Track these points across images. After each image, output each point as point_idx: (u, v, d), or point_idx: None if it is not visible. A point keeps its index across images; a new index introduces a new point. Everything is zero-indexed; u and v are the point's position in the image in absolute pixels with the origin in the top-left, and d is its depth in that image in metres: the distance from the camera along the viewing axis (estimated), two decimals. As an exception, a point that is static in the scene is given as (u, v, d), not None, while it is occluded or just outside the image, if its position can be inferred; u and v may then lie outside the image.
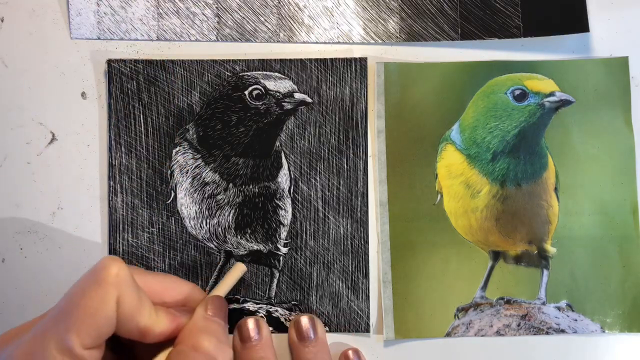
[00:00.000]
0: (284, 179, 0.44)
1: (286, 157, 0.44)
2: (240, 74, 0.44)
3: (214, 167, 0.44)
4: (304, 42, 0.45)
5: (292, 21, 0.45)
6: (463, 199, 0.44)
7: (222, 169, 0.44)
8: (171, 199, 0.44)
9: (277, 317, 0.43)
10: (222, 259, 0.44)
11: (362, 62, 0.45)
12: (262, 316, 0.43)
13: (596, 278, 0.44)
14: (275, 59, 0.44)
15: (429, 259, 0.44)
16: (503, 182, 0.44)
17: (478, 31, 0.45)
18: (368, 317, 0.44)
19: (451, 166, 0.45)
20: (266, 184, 0.44)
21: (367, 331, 0.44)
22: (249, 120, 0.44)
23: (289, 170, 0.44)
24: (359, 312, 0.44)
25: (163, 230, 0.44)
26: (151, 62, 0.44)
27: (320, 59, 0.44)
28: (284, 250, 0.44)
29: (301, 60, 0.44)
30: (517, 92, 0.44)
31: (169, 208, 0.44)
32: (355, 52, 0.45)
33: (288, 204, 0.44)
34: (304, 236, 0.44)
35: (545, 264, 0.44)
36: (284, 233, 0.44)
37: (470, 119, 0.45)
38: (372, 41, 0.45)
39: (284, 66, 0.44)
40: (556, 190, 0.45)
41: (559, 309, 0.44)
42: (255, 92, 0.44)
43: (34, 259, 0.44)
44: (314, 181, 0.44)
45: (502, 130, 0.44)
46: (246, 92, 0.44)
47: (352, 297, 0.44)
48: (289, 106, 0.44)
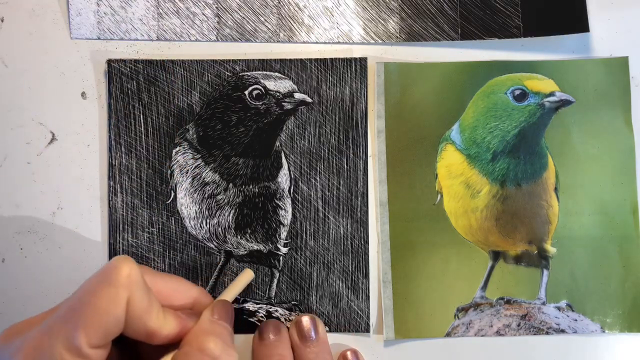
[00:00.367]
0: (284, 179, 0.44)
1: (286, 157, 0.44)
2: (240, 74, 0.44)
3: (214, 167, 0.44)
4: (304, 42, 0.45)
5: (292, 21, 0.45)
6: (463, 199, 0.44)
7: (222, 169, 0.44)
8: (171, 199, 0.44)
9: (277, 317, 0.43)
10: (222, 259, 0.44)
11: (362, 62, 0.45)
12: (262, 316, 0.43)
13: (596, 278, 0.44)
14: (275, 59, 0.44)
15: (429, 259, 0.44)
16: (503, 182, 0.44)
17: (478, 31, 0.45)
18: (368, 317, 0.44)
19: (451, 166, 0.45)
20: (266, 184, 0.44)
21: (367, 331, 0.44)
22: (249, 120, 0.44)
23: (289, 170, 0.44)
24: (359, 312, 0.44)
25: (163, 230, 0.44)
26: (151, 62, 0.44)
27: (320, 59, 0.44)
28: (284, 250, 0.44)
29: (301, 60, 0.44)
30: (517, 92, 0.44)
31: (169, 208, 0.44)
32: (355, 52, 0.45)
33: (288, 204, 0.44)
34: (304, 236, 0.44)
35: (545, 264, 0.44)
36: (284, 233, 0.44)
37: (470, 119, 0.45)
38: (372, 41, 0.45)
39: (284, 66, 0.44)
40: (556, 190, 0.45)
41: (559, 309, 0.44)
42: (255, 92, 0.44)
43: (34, 259, 0.44)
44: (314, 181, 0.44)
45: (502, 130, 0.44)
46: (246, 92, 0.44)
47: (352, 297, 0.44)
48: (289, 106, 0.44)
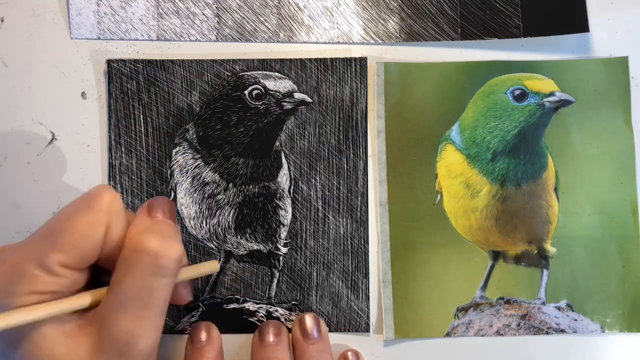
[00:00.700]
0: (284, 179, 0.44)
1: (286, 157, 0.44)
2: (240, 73, 0.44)
3: (214, 167, 0.44)
4: (304, 42, 0.45)
5: (292, 21, 0.45)
6: (463, 199, 0.44)
7: (222, 169, 0.44)
8: (171, 199, 0.44)
9: (277, 317, 0.43)
10: (222, 259, 0.44)
11: (362, 62, 0.45)
12: (262, 316, 0.43)
13: (596, 278, 0.44)
14: (275, 59, 0.44)
15: (429, 259, 0.44)
16: (503, 182, 0.44)
17: (478, 31, 0.45)
18: (368, 317, 0.44)
19: (451, 166, 0.45)
20: (266, 184, 0.44)
21: (367, 331, 0.44)
22: (248, 120, 0.44)
23: (289, 170, 0.44)
24: (359, 312, 0.44)
25: (163, 230, 0.44)
26: (151, 62, 0.44)
27: (320, 59, 0.44)
28: (284, 250, 0.44)
29: (301, 60, 0.44)
30: (517, 92, 0.44)
31: (169, 208, 0.44)
32: (355, 52, 0.45)
33: (288, 204, 0.44)
34: (304, 236, 0.44)
35: (545, 264, 0.44)
36: (284, 233, 0.44)
37: (470, 119, 0.45)
38: (372, 41, 0.45)
39: (283, 66, 0.44)
40: (556, 190, 0.45)
41: (558, 308, 0.44)
42: (255, 92, 0.44)
43: (34, 259, 0.44)
44: (314, 181, 0.44)
45: (502, 130, 0.44)
46: (246, 92, 0.44)
47: (352, 297, 0.44)
48: (288, 106, 0.44)
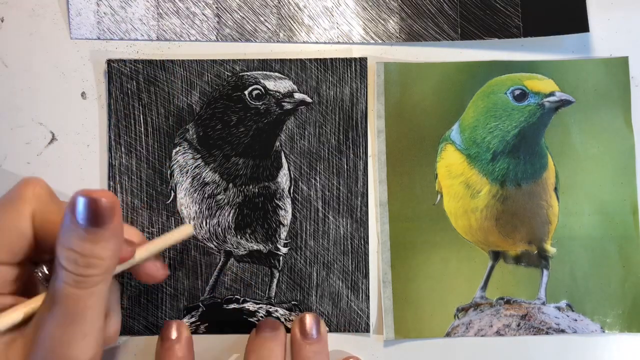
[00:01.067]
0: (284, 179, 0.44)
1: (286, 157, 0.44)
2: (240, 74, 0.44)
3: (214, 167, 0.44)
4: (304, 42, 0.45)
5: (292, 21, 0.45)
6: (463, 199, 0.44)
7: (222, 169, 0.44)
8: (171, 199, 0.44)
9: (277, 317, 0.43)
10: (222, 259, 0.44)
11: (362, 62, 0.45)
12: (262, 316, 0.43)
13: (596, 278, 0.44)
14: (275, 59, 0.44)
15: (428, 259, 0.44)
16: (503, 182, 0.44)
17: (478, 31, 0.45)
18: (368, 317, 0.44)
19: (451, 166, 0.45)
20: (266, 184, 0.44)
21: (367, 331, 0.44)
22: (249, 120, 0.44)
23: (289, 170, 0.44)
24: (359, 312, 0.44)
25: (163, 230, 0.44)
26: (151, 62, 0.44)
27: (320, 59, 0.44)
28: (284, 250, 0.44)
29: (301, 60, 0.44)
30: (517, 92, 0.44)
31: (169, 208, 0.44)
32: (355, 52, 0.45)
33: (288, 204, 0.44)
34: (304, 236, 0.44)
35: (545, 264, 0.44)
36: (284, 233, 0.44)
37: (470, 119, 0.45)
38: (372, 41, 0.45)
39: (284, 66, 0.44)
40: (556, 190, 0.45)
41: (559, 309, 0.44)
42: (255, 92, 0.44)
43: (34, 259, 0.44)
44: (314, 181, 0.44)
45: (502, 130, 0.44)
46: (246, 92, 0.44)
47: (352, 297, 0.44)
48: (288, 106, 0.44)
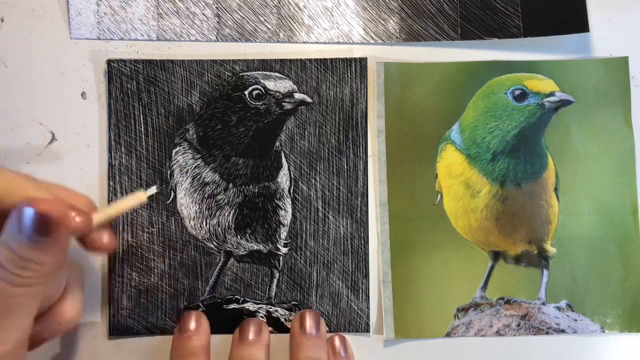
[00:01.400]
0: (284, 179, 0.44)
1: (286, 157, 0.44)
2: (240, 74, 0.44)
3: (214, 167, 0.44)
4: (304, 42, 0.45)
5: (292, 21, 0.45)
6: (463, 199, 0.44)
7: (222, 169, 0.44)
8: (171, 199, 0.44)
9: (277, 317, 0.43)
10: (222, 259, 0.44)
11: (362, 62, 0.45)
12: (262, 316, 0.43)
13: (596, 278, 0.44)
14: (275, 59, 0.44)
15: (429, 259, 0.44)
16: (503, 182, 0.44)
17: (478, 31, 0.45)
18: (368, 317, 0.44)
19: (451, 166, 0.45)
20: (266, 184, 0.44)
21: (367, 331, 0.44)
22: (249, 120, 0.44)
23: (289, 170, 0.44)
24: (359, 312, 0.44)
25: (163, 230, 0.44)
26: (151, 62, 0.44)
27: (320, 59, 0.44)
28: (284, 250, 0.44)
29: (301, 60, 0.44)
30: (517, 92, 0.44)
31: (169, 208, 0.44)
32: (355, 52, 0.45)
33: (288, 204, 0.44)
34: (304, 236, 0.44)
35: (545, 264, 0.44)
36: (284, 233, 0.44)
37: (470, 119, 0.45)
38: (372, 41, 0.45)
39: (284, 66, 0.44)
40: (556, 190, 0.45)
41: (559, 309, 0.44)
42: (255, 92, 0.44)
43: (34, 259, 0.44)
44: (314, 181, 0.44)
45: (502, 130, 0.44)
46: (246, 92, 0.44)
47: (352, 297, 0.44)
48: (289, 106, 0.44)
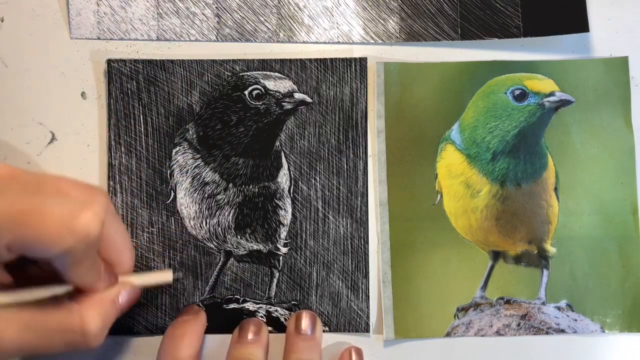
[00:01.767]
0: (284, 179, 0.44)
1: (286, 157, 0.44)
2: (240, 74, 0.44)
3: (214, 167, 0.44)
4: (304, 42, 0.45)
5: (292, 21, 0.45)
6: (463, 198, 0.44)
7: (222, 169, 0.44)
8: (171, 199, 0.44)
9: (277, 317, 0.43)
10: (222, 259, 0.44)
11: (362, 62, 0.45)
12: (261, 316, 0.43)
13: (596, 278, 0.44)
14: (275, 59, 0.44)
15: (429, 259, 0.44)
16: (503, 182, 0.44)
17: (478, 31, 0.45)
18: (368, 317, 0.44)
19: (451, 166, 0.45)
20: (266, 184, 0.44)
21: (367, 331, 0.44)
22: (248, 120, 0.44)
23: (289, 170, 0.44)
24: (359, 312, 0.44)
25: (163, 230, 0.44)
26: (151, 62, 0.44)
27: (320, 59, 0.44)
28: (283, 250, 0.44)
29: (301, 60, 0.44)
30: (517, 92, 0.44)
31: (168, 208, 0.44)
32: (355, 52, 0.45)
33: (288, 204, 0.44)
34: (303, 236, 0.44)
35: (545, 264, 0.44)
36: (283, 233, 0.44)
37: (470, 119, 0.45)
38: (372, 41, 0.45)
39: (284, 66, 0.44)
40: (556, 190, 0.45)
41: (558, 308, 0.44)
42: (255, 92, 0.44)
43: (34, 259, 0.44)
44: (314, 181, 0.44)
45: (502, 130, 0.44)
46: (246, 92, 0.44)
47: (352, 297, 0.44)
48: (289, 106, 0.44)
